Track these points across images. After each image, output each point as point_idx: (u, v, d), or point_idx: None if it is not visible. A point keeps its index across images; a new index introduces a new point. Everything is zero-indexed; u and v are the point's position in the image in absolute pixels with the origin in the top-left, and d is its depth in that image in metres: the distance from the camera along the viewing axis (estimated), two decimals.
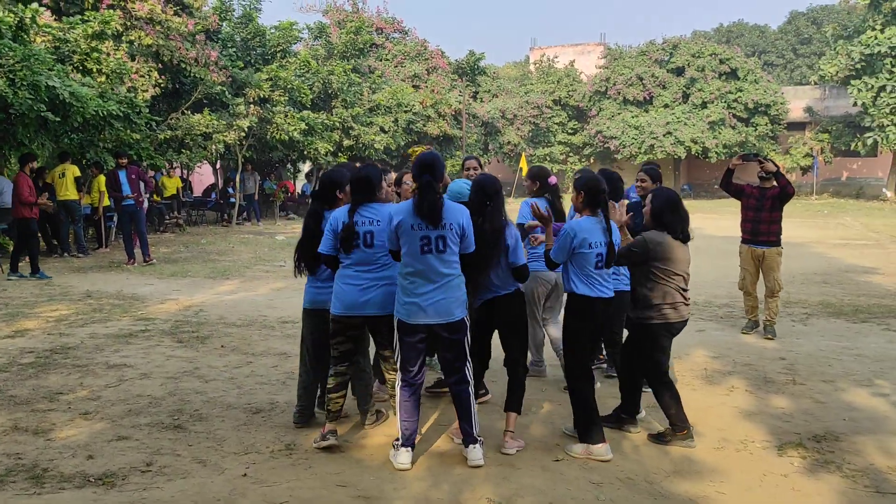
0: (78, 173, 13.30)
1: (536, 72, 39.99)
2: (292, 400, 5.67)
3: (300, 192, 24.89)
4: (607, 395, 5.63)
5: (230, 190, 20.69)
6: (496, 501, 3.98)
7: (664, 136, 33.65)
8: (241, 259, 13.81)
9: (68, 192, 13.27)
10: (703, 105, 34.48)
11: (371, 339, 4.99)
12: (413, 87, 26.65)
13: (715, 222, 21.35)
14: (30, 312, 8.64)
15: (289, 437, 4.93)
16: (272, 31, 20.97)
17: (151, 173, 16.56)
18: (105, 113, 11.49)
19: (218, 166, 23.64)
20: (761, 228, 7.66)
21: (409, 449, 4.43)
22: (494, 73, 37.78)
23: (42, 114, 10.29)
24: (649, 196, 4.97)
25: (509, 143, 33.41)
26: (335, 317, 4.60)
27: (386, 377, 4.99)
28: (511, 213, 5.11)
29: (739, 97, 34.07)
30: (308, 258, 4.90)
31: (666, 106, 35.24)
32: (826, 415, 5.38)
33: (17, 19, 10.94)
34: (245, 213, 20.68)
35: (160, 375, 6.27)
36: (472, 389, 4.49)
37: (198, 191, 23.81)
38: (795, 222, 23.28)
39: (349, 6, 27.36)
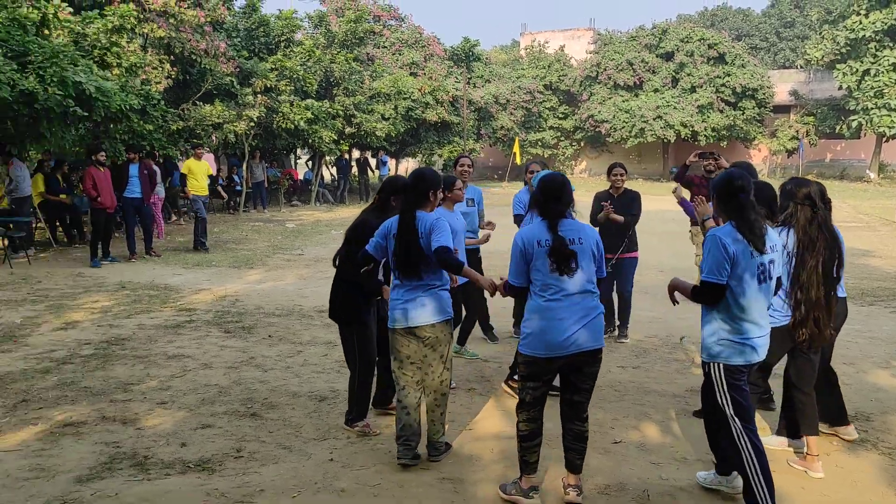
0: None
1: (527, 57, 40.23)
2: None
3: (302, 178, 25.20)
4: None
5: (235, 178, 20.84)
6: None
7: (654, 119, 34.10)
8: (259, 247, 14.07)
9: None
10: (692, 89, 34.93)
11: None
12: (411, 74, 26.83)
13: None
14: (72, 304, 8.88)
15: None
16: (274, 20, 21.06)
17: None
18: (126, 106, 11.66)
19: (219, 154, 23.74)
20: None
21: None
22: (487, 58, 37.99)
23: (70, 109, 10.45)
24: None
25: (502, 127, 33.72)
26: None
27: None
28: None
29: (727, 81, 34.54)
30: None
31: (656, 90, 35.67)
32: (854, 396, 5.79)
33: (40, 15, 11.07)
34: (252, 201, 20.89)
35: (220, 365, 6.57)
36: None
37: None
38: None
39: None
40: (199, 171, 13.81)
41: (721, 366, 3.88)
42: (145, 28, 14.41)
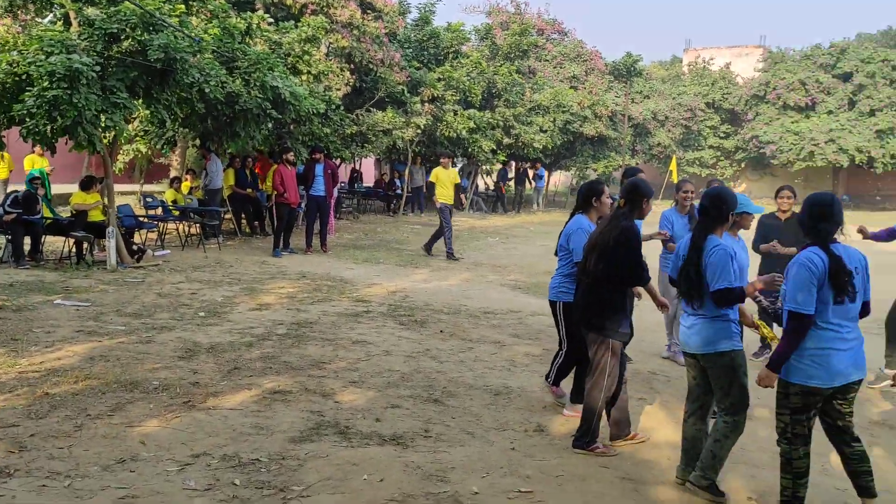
0: None
1: (690, 73, 39.21)
2: (522, 385, 6.31)
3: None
4: None
5: (397, 182, 21.81)
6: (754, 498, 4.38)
7: (826, 143, 32.27)
8: (420, 249, 14.66)
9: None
10: (872, 112, 32.79)
11: None
12: (571, 87, 26.96)
13: None
14: (262, 288, 9.74)
15: (535, 419, 5.50)
16: (444, 32, 21.87)
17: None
18: (313, 110, 12.58)
19: (381, 159, 24.88)
20: None
21: None
22: (648, 74, 37.40)
23: (268, 111, 11.44)
24: None
25: (659, 144, 33.06)
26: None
27: None
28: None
29: None
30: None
31: (830, 112, 33.75)
32: None
33: (246, 25, 12.20)
34: (410, 205, 21.77)
35: (400, 353, 7.03)
36: None
37: (366, 182, 25.17)
38: None
39: (511, 7, 27.98)
40: (447, 179, 13.63)
41: None
42: (330, 38, 15.46)
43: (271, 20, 13.41)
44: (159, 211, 13.49)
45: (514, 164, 25.86)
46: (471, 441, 5.01)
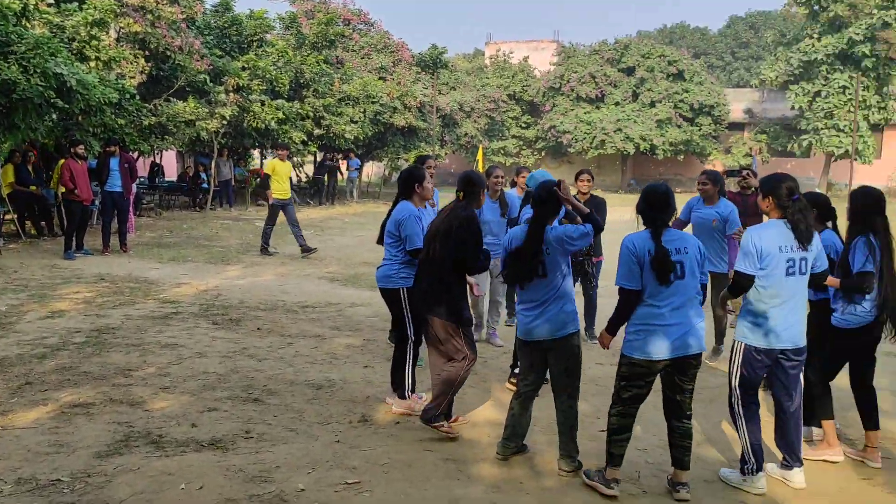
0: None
1: (492, 66, 40.78)
2: (345, 377, 6.29)
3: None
4: None
5: (203, 175, 20.76)
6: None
7: (615, 132, 34.87)
8: (231, 245, 14.13)
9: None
10: (652, 104, 35.85)
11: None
12: (380, 78, 27.04)
13: None
14: (54, 294, 8.90)
15: (359, 410, 5.50)
16: (247, 19, 21.07)
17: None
18: (105, 100, 11.66)
19: (185, 152, 23.58)
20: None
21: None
22: (453, 66, 38.45)
23: (52, 100, 10.44)
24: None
25: (466, 134, 34.12)
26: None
27: None
28: None
29: (685, 97, 35.56)
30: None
31: (617, 104, 36.49)
32: None
33: (22, 5, 11.03)
34: (218, 199, 20.81)
35: (215, 354, 6.73)
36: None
37: (168, 176, 23.69)
38: None
39: None
40: (284, 173, 13.01)
41: (742, 345, 4.37)
42: (121, 22, 14.38)
43: (51, 1, 12.22)
44: None
45: (325, 154, 25.49)
46: (294, 438, 4.91)
